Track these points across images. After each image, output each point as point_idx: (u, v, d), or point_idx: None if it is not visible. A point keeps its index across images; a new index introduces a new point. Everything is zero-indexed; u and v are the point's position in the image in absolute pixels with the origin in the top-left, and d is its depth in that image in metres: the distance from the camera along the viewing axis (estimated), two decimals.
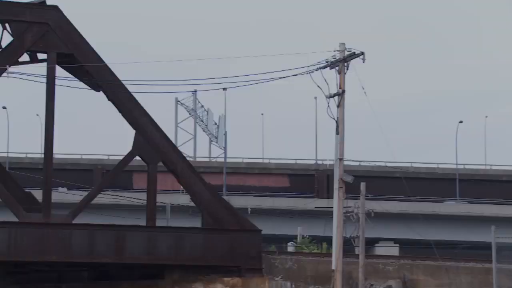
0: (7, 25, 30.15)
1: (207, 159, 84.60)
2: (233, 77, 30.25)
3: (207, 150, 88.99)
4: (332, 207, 30.70)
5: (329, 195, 58.91)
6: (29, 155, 72.86)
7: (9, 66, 29.61)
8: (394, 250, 61.17)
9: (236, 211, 31.97)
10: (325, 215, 41.95)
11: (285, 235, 61.21)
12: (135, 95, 30.85)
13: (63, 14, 30.16)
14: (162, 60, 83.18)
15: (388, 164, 67.19)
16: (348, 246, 34.97)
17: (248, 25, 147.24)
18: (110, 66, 30.65)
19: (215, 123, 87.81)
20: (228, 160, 76.08)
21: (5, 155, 69.59)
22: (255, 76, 30.29)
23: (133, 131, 30.80)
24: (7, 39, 30.66)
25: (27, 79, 30.05)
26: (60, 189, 60.27)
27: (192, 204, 33.86)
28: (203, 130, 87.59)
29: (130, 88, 30.84)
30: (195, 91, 79.64)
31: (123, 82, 30.76)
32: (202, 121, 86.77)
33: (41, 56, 31.34)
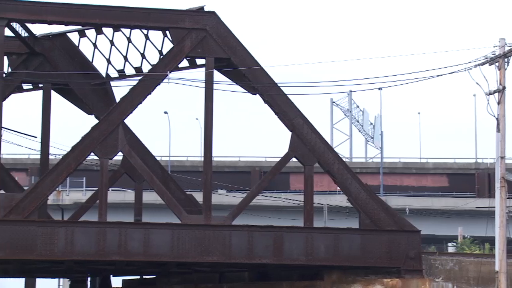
0: (167, 32, 31.04)
1: (363, 160, 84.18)
2: (388, 76, 29.95)
3: (363, 151, 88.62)
4: (494, 207, 29.85)
5: (491, 195, 57.25)
6: (189, 159, 74.80)
7: (170, 72, 30.46)
8: None
9: (393, 211, 31.60)
10: (487, 215, 40.79)
11: (445, 235, 60.07)
12: (290, 97, 31.06)
13: (220, 20, 30.75)
14: (317, 62, 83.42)
15: None
16: None
17: (403, 24, 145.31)
18: (265, 68, 31.00)
19: (371, 123, 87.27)
20: (384, 160, 75.40)
21: (167, 158, 71.76)
22: (411, 75, 29.86)
23: (289, 133, 31.02)
24: (167, 46, 31.61)
25: (186, 84, 30.87)
26: (220, 191, 61.60)
27: (349, 204, 33.72)
28: (359, 131, 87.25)
29: (286, 90, 31.10)
30: (350, 91, 79.49)
31: (279, 84, 31.02)
32: (358, 121, 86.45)
33: (200, 61, 32.09)
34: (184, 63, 32.24)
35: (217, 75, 31.08)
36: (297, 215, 44.94)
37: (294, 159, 31.39)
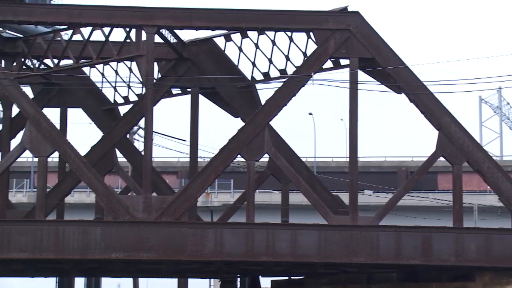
0: (311, 33, 31.17)
1: None
2: None
3: None
4: None
5: None
6: (335, 159, 74.68)
7: (314, 73, 30.57)
8: None
9: None
10: None
11: None
12: (437, 95, 30.57)
13: (364, 19, 30.59)
14: (465, 59, 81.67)
15: None
16: None
17: None
18: (411, 67, 30.65)
19: None
20: None
21: (312, 159, 71.95)
22: None
23: (436, 132, 30.53)
24: (311, 47, 31.74)
25: (330, 85, 30.89)
26: (366, 191, 61.29)
27: (500, 204, 32.82)
28: (510, 128, 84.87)
29: (432, 88, 30.63)
30: (500, 88, 77.44)
31: (425, 83, 30.59)
32: (508, 118, 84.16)
33: (344, 61, 32.05)
34: (328, 64, 32.27)
35: (362, 75, 30.96)
36: (445, 216, 44.10)
37: (441, 158, 30.87)
